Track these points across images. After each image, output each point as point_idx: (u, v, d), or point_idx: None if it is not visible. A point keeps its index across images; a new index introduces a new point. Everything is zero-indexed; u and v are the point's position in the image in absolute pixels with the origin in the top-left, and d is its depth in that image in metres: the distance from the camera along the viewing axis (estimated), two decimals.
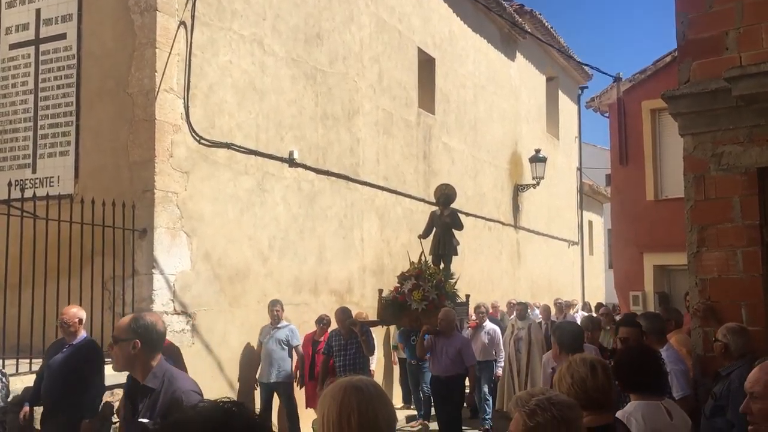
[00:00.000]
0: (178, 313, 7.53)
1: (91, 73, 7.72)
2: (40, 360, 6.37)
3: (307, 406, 8.78)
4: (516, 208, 16.86)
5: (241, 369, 8.36)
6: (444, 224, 9.33)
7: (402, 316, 8.62)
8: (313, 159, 9.79)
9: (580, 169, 21.32)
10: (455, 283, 8.94)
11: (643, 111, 11.69)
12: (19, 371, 6.04)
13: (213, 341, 7.94)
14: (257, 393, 8.55)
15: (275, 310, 8.36)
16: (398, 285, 8.71)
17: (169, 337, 7.31)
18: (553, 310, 12.68)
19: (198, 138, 7.86)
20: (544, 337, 10.33)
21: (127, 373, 3.46)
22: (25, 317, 6.32)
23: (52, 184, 7.76)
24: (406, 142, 12.31)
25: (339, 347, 8.06)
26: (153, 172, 7.31)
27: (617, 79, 12.46)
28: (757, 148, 4.96)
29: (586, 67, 19.12)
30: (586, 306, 16.40)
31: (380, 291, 8.90)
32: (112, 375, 5.81)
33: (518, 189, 16.90)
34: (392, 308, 8.61)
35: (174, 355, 6.48)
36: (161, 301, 7.31)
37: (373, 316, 9.43)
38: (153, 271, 7.25)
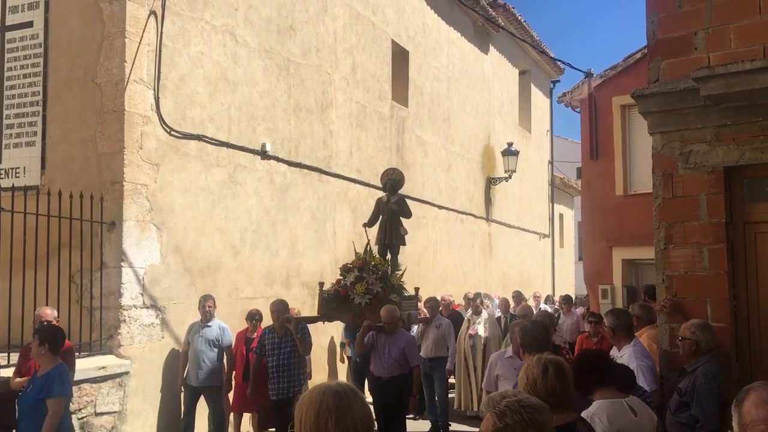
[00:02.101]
0: (148, 307, 7.45)
1: (59, 63, 7.58)
2: (5, 354, 6.29)
3: (235, 410, 8.10)
4: (488, 201, 16.96)
5: None
6: (391, 211, 8.43)
7: (344, 310, 7.86)
8: (285, 151, 9.74)
9: (551, 162, 21.50)
10: (402, 275, 8.22)
11: (613, 106, 11.81)
12: None
13: (183, 335, 7.87)
14: (182, 396, 7.75)
15: (207, 305, 7.67)
16: (340, 277, 7.99)
17: (137, 331, 7.27)
18: (511, 303, 12.24)
19: (168, 129, 7.77)
20: (501, 332, 10.04)
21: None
22: None
23: (17, 175, 7.61)
24: (380, 134, 12.30)
25: (272, 345, 7.22)
26: (122, 163, 7.21)
27: (588, 75, 12.56)
28: (724, 148, 5.04)
29: (558, 62, 19.24)
30: (549, 299, 16.14)
31: (321, 284, 8.13)
32: None
33: (490, 182, 16.99)
34: (334, 302, 7.87)
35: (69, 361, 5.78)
36: (130, 295, 7.22)
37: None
38: (122, 264, 7.16)
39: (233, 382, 8.02)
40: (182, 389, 7.68)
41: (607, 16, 66.01)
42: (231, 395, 8.04)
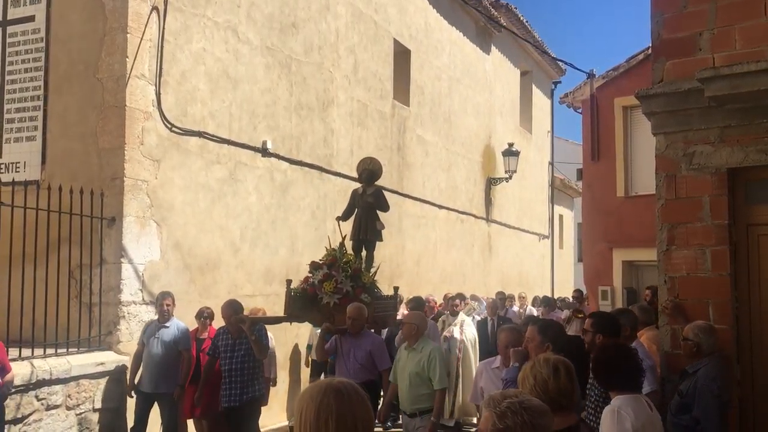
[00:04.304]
0: (147, 303, 7.43)
1: (60, 58, 7.56)
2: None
3: (186, 416, 7.35)
4: (488, 202, 16.94)
5: None
6: (366, 204, 7.70)
7: (312, 311, 7.16)
8: (286, 149, 9.71)
9: (552, 163, 21.48)
10: (375, 273, 7.54)
11: (615, 108, 11.78)
12: None
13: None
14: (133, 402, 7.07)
15: (165, 303, 7.02)
16: (309, 275, 7.31)
17: (136, 327, 7.24)
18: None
19: (169, 126, 7.75)
20: (489, 334, 9.49)
21: None
22: None
23: (18, 169, 7.59)
24: (381, 133, 12.28)
25: (225, 348, 6.62)
26: (123, 159, 7.19)
27: (590, 76, 12.54)
28: (728, 149, 5.02)
29: (559, 63, 19.23)
30: (536, 300, 14.91)
31: (288, 281, 7.32)
32: None
33: (491, 182, 16.97)
34: (301, 302, 7.16)
35: None
36: (129, 291, 7.20)
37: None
38: (121, 260, 7.15)
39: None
40: (133, 395, 7.02)
41: (610, 16, 66.07)
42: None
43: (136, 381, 6.99)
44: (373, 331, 6.99)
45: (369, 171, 7.88)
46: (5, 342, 6.32)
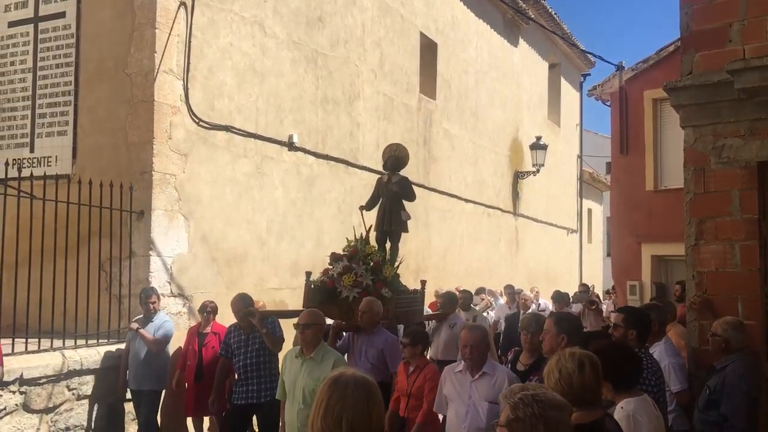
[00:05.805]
0: (175, 296, 7.53)
1: (90, 53, 7.68)
2: (36, 340, 6.39)
3: (188, 414, 7.20)
4: (515, 195, 16.84)
5: None
6: (391, 193, 7.29)
7: (331, 305, 6.70)
8: (312, 143, 9.76)
9: (580, 156, 21.28)
10: (398, 266, 7.16)
11: (644, 100, 11.64)
12: (14, 351, 6.03)
13: None
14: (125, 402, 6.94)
15: (150, 302, 6.78)
16: (329, 267, 6.97)
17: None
18: (504, 299, 11.69)
19: (197, 120, 7.83)
20: (502, 332, 9.52)
21: None
22: (21, 297, 6.30)
23: (49, 163, 7.73)
24: (407, 127, 12.26)
25: (239, 344, 6.33)
26: (151, 153, 7.28)
27: (620, 68, 12.38)
28: (758, 142, 4.93)
29: (588, 55, 19.02)
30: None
31: (308, 273, 6.96)
32: None
33: (518, 176, 16.87)
34: (320, 294, 6.78)
35: None
36: (158, 283, 7.29)
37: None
38: (150, 253, 7.25)
39: (183, 384, 7.16)
40: (126, 394, 6.86)
41: (640, 8, 65.16)
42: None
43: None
44: (390, 328, 6.67)
45: (395, 157, 7.55)
46: (37, 333, 6.48)
